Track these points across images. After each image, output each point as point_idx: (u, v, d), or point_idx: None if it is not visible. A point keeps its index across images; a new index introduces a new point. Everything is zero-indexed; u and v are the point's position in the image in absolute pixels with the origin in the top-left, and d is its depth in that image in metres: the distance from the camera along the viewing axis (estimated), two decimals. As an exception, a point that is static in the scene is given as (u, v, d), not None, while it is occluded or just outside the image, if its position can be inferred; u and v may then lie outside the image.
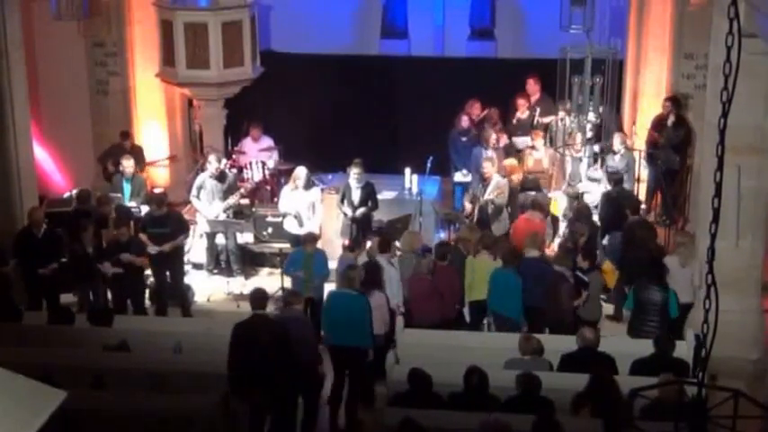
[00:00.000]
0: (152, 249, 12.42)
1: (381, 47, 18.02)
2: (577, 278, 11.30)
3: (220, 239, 13.81)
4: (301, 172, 13.46)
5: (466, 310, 11.78)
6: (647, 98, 15.33)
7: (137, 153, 15.04)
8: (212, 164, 13.58)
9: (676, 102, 14.60)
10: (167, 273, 12.72)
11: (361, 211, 13.39)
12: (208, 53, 14.34)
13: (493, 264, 11.48)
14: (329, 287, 11.94)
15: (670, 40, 14.82)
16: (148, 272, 12.80)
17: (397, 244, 12.45)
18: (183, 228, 12.89)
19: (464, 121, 15.25)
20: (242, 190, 14.02)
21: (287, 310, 10.33)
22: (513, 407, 8.64)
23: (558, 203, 14.23)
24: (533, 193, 13.93)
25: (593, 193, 14.08)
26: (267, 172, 15.39)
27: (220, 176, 13.61)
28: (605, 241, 13.06)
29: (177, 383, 9.54)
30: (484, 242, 11.70)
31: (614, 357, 9.54)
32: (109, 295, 12.39)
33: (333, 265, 12.30)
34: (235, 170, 14.82)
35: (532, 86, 15.64)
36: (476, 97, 15.73)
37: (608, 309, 12.31)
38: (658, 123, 14.73)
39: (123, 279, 12.15)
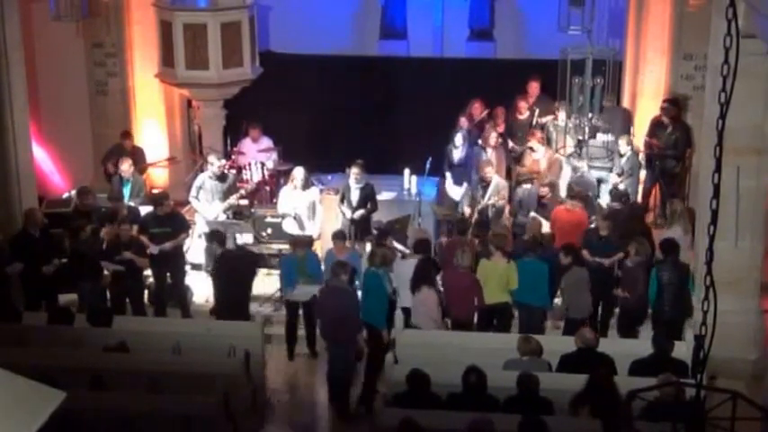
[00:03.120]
0: (153, 249, 12.41)
1: (380, 48, 18.01)
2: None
3: (219, 240, 13.79)
4: (299, 172, 13.47)
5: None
6: (645, 99, 15.32)
7: (137, 154, 15.02)
8: (214, 164, 13.58)
9: (674, 104, 14.60)
10: (167, 273, 12.71)
11: (359, 213, 13.39)
12: (207, 54, 14.33)
13: (507, 266, 11.46)
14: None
15: (669, 40, 14.82)
16: (147, 272, 12.80)
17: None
18: (183, 226, 12.90)
19: (463, 122, 15.23)
20: (241, 191, 14.02)
21: (333, 280, 10.83)
22: (511, 407, 8.65)
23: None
24: (528, 186, 13.95)
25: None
26: (266, 173, 15.39)
27: (220, 177, 13.61)
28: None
29: (177, 384, 9.55)
30: (496, 243, 11.68)
31: (613, 358, 9.55)
32: (108, 295, 12.38)
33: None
34: (234, 171, 14.81)
35: (534, 89, 15.63)
36: (476, 98, 15.72)
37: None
38: (654, 126, 14.74)
39: (122, 279, 12.14)
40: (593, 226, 12.56)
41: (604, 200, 13.87)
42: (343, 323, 10.83)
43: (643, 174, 14.85)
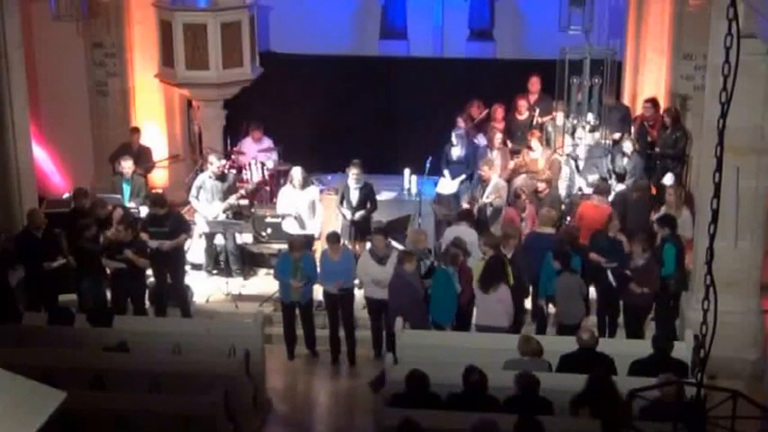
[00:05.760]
0: (152, 243, 12.40)
1: (380, 47, 18.02)
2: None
3: (219, 240, 13.80)
4: (296, 172, 13.46)
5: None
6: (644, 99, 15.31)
7: (143, 153, 15.02)
8: (214, 164, 13.58)
9: (654, 104, 14.62)
10: (167, 273, 12.72)
11: (359, 214, 13.38)
12: (207, 54, 14.33)
13: None
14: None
15: (669, 40, 14.81)
16: (149, 272, 12.79)
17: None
18: (182, 227, 12.88)
19: (460, 122, 15.19)
20: (241, 191, 14.02)
21: (398, 267, 11.22)
22: (511, 407, 8.64)
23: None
24: (524, 176, 13.91)
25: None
26: (266, 172, 15.39)
27: (220, 177, 13.61)
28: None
29: (177, 384, 9.55)
30: (489, 243, 11.67)
31: (613, 358, 9.55)
32: (108, 295, 12.38)
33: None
34: (234, 171, 14.81)
35: (534, 85, 15.61)
36: (475, 98, 15.71)
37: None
38: (641, 125, 14.71)
39: (124, 279, 12.14)
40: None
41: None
42: (407, 308, 11.12)
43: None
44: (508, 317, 11.05)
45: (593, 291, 12.03)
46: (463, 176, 14.46)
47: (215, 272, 13.96)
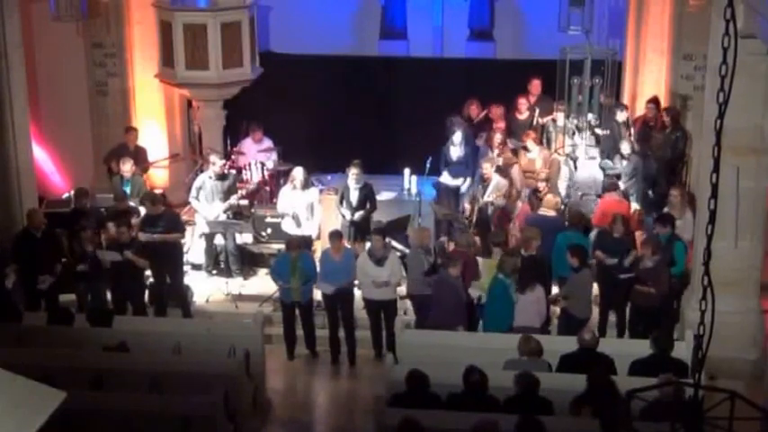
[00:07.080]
0: (142, 236, 12.37)
1: (380, 48, 18.04)
2: None
3: (219, 240, 13.81)
4: (298, 172, 13.47)
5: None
6: (645, 99, 15.31)
7: (139, 153, 15.02)
8: (216, 164, 13.58)
9: (657, 104, 14.64)
10: (167, 273, 12.72)
11: (359, 214, 13.38)
12: (207, 54, 14.33)
13: None
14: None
15: (669, 40, 14.82)
16: (148, 272, 12.80)
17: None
18: (178, 227, 12.88)
19: (456, 121, 15.15)
20: (242, 191, 14.02)
21: (442, 272, 11.25)
22: (511, 407, 8.65)
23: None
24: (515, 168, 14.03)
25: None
26: (266, 173, 15.39)
27: (221, 177, 13.61)
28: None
29: (177, 384, 9.56)
30: (495, 241, 11.64)
31: (613, 358, 9.55)
32: (108, 296, 12.39)
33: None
34: (234, 171, 14.81)
35: (536, 88, 15.60)
36: (473, 98, 15.71)
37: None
38: (643, 126, 14.71)
39: (124, 279, 12.15)
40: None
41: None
42: (452, 312, 11.06)
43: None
44: (540, 317, 11.01)
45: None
46: (463, 177, 14.47)
47: (215, 272, 13.96)
